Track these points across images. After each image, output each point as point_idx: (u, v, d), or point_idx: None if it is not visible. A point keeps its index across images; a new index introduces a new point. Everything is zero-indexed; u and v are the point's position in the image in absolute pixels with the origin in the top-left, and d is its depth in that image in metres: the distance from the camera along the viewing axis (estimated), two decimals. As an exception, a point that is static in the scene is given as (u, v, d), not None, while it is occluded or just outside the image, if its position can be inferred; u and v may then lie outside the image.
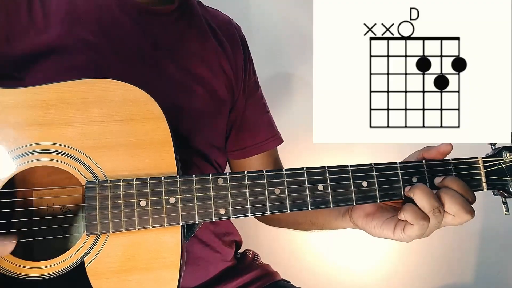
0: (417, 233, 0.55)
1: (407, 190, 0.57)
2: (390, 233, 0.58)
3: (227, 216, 0.54)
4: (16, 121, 0.53)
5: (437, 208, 0.54)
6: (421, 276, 1.33)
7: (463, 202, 0.54)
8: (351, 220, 0.65)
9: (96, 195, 0.52)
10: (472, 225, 1.30)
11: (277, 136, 0.85)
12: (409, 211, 0.54)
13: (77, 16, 0.66)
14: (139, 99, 0.56)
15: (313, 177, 0.56)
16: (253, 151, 0.83)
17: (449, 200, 0.54)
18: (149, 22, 0.70)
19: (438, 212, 0.54)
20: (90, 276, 0.52)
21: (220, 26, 0.80)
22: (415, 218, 0.54)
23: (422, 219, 0.54)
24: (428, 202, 0.54)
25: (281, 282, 0.80)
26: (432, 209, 0.54)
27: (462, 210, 0.54)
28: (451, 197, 0.54)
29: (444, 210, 0.55)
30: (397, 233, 0.57)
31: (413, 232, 0.55)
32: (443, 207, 0.54)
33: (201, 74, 0.73)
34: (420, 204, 0.54)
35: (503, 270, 1.37)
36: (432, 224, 0.54)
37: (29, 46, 0.62)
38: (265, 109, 0.86)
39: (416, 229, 0.54)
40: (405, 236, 0.56)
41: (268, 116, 0.86)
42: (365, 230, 0.63)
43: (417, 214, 0.54)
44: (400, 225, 0.57)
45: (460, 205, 0.54)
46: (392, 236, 0.58)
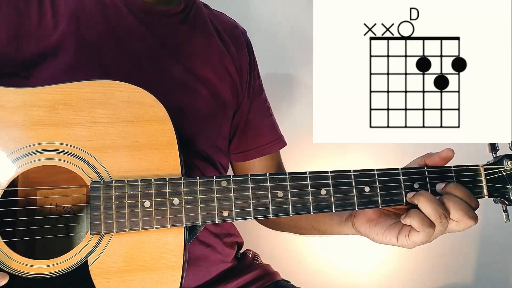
0: (422, 240, 0.55)
1: (410, 196, 0.57)
2: (394, 240, 0.58)
3: (230, 219, 0.55)
4: (22, 120, 0.54)
5: (443, 215, 0.54)
6: (421, 277, 1.34)
7: (467, 208, 0.55)
8: (353, 226, 0.66)
9: (101, 195, 0.53)
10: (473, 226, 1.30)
11: (281, 139, 0.86)
12: (416, 218, 0.54)
13: (84, 15, 0.66)
14: (145, 101, 0.56)
15: (316, 181, 0.56)
16: (256, 154, 0.83)
17: (453, 206, 0.54)
18: (155, 23, 0.70)
19: (444, 219, 0.54)
20: (93, 276, 0.53)
21: (226, 29, 0.80)
22: (422, 225, 0.54)
23: (429, 226, 0.54)
24: (433, 209, 0.54)
25: (281, 282, 0.81)
26: (438, 216, 0.54)
27: (466, 216, 0.54)
28: (455, 203, 0.55)
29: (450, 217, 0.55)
30: (401, 239, 0.57)
31: (418, 239, 0.55)
32: (448, 214, 0.55)
33: (206, 75, 0.74)
34: (426, 211, 0.54)
35: (503, 270, 1.38)
36: (438, 230, 0.55)
37: (38, 45, 0.63)
38: (269, 112, 0.86)
39: (422, 236, 0.54)
40: (409, 242, 0.56)
41: (271, 119, 0.86)
42: (367, 236, 0.63)
43: (424, 221, 0.54)
44: (405, 231, 0.57)
45: (464, 211, 0.54)
46: (396, 242, 0.58)
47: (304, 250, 1.27)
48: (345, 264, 1.30)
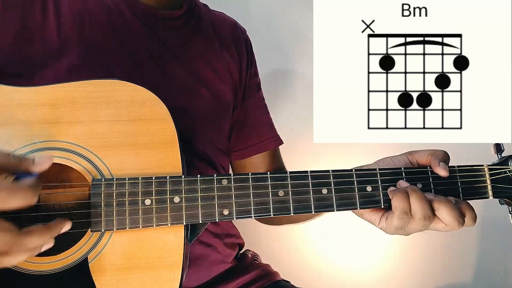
0: (396, 224, 0.54)
1: (403, 185, 0.56)
2: (377, 220, 0.58)
3: (231, 217, 0.55)
4: (26, 119, 0.54)
5: (428, 217, 0.53)
6: (421, 276, 1.33)
7: (458, 214, 0.54)
8: None
9: (101, 193, 0.53)
10: (472, 225, 1.29)
11: (278, 137, 0.86)
12: (397, 198, 0.54)
13: (88, 17, 0.66)
14: (147, 100, 0.56)
15: (317, 180, 0.56)
16: (255, 151, 0.83)
17: (445, 210, 0.53)
18: (158, 25, 0.71)
19: (427, 221, 0.53)
20: (93, 273, 0.53)
21: (226, 29, 0.81)
22: (400, 210, 0.53)
23: (404, 213, 0.53)
24: (421, 209, 0.53)
25: (281, 282, 0.81)
26: (423, 216, 0.53)
27: (456, 222, 0.53)
28: (446, 207, 0.53)
29: (439, 218, 0.54)
30: (382, 221, 0.57)
31: (394, 222, 0.55)
32: (433, 217, 0.54)
33: (207, 76, 0.74)
34: (413, 208, 0.54)
35: (503, 270, 1.38)
36: (416, 228, 0.54)
37: (42, 46, 0.63)
38: (266, 110, 0.87)
39: (395, 219, 0.54)
40: (386, 225, 0.56)
41: (269, 116, 0.87)
42: (355, 212, 0.62)
43: (404, 204, 0.53)
44: (388, 214, 0.57)
45: (455, 218, 0.53)
46: (377, 224, 0.58)
47: (304, 250, 1.27)
48: (345, 265, 1.30)
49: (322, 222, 1.16)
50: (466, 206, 0.55)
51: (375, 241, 1.29)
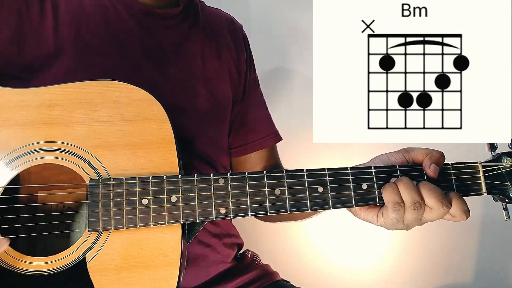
0: (391, 216, 0.55)
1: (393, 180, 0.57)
2: (375, 218, 0.59)
3: (228, 216, 0.55)
4: (23, 120, 0.54)
5: (418, 203, 0.54)
6: (421, 276, 1.33)
7: (441, 195, 0.54)
8: None
9: (99, 193, 0.53)
10: (472, 225, 1.30)
11: (277, 133, 0.86)
12: (387, 192, 0.55)
13: (85, 19, 0.67)
14: (143, 101, 0.57)
15: (313, 179, 0.57)
16: (254, 147, 0.83)
17: (427, 193, 0.54)
18: (154, 25, 0.71)
19: (418, 207, 0.54)
20: (91, 273, 0.53)
21: (223, 26, 0.81)
22: (392, 203, 0.54)
23: (396, 203, 0.54)
24: (409, 195, 0.54)
25: (281, 282, 0.81)
26: (412, 203, 0.54)
27: (440, 203, 0.54)
28: (429, 190, 0.54)
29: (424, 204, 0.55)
30: (380, 218, 0.58)
31: (388, 215, 0.55)
32: (423, 203, 0.54)
33: (206, 75, 0.74)
34: (403, 197, 0.54)
35: (503, 270, 1.38)
36: (411, 217, 0.55)
37: (39, 48, 0.63)
38: (265, 106, 0.87)
39: (390, 212, 0.55)
40: (384, 221, 0.57)
41: (267, 113, 0.87)
42: (351, 211, 0.62)
43: (394, 196, 0.54)
44: (383, 209, 0.57)
45: (438, 199, 0.54)
46: (376, 221, 0.59)
47: (304, 250, 1.27)
48: (345, 265, 1.29)
49: (322, 222, 1.16)
50: (455, 195, 0.56)
51: (375, 241, 1.29)
